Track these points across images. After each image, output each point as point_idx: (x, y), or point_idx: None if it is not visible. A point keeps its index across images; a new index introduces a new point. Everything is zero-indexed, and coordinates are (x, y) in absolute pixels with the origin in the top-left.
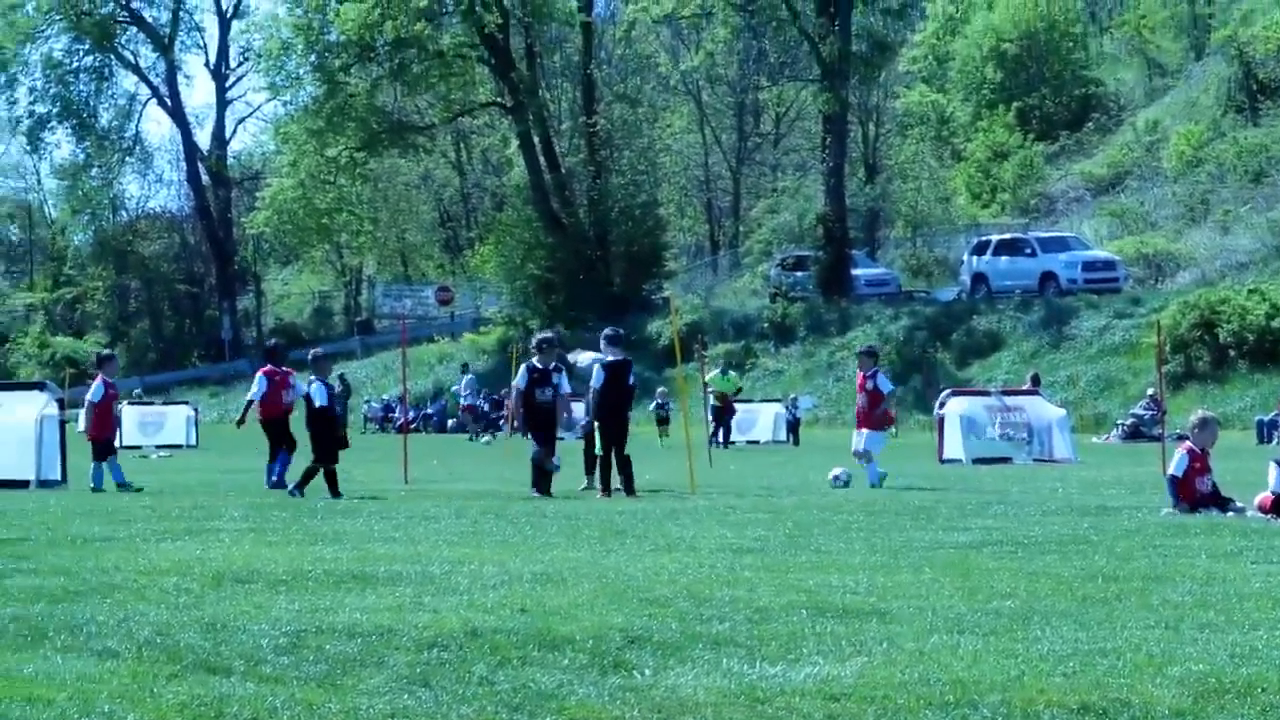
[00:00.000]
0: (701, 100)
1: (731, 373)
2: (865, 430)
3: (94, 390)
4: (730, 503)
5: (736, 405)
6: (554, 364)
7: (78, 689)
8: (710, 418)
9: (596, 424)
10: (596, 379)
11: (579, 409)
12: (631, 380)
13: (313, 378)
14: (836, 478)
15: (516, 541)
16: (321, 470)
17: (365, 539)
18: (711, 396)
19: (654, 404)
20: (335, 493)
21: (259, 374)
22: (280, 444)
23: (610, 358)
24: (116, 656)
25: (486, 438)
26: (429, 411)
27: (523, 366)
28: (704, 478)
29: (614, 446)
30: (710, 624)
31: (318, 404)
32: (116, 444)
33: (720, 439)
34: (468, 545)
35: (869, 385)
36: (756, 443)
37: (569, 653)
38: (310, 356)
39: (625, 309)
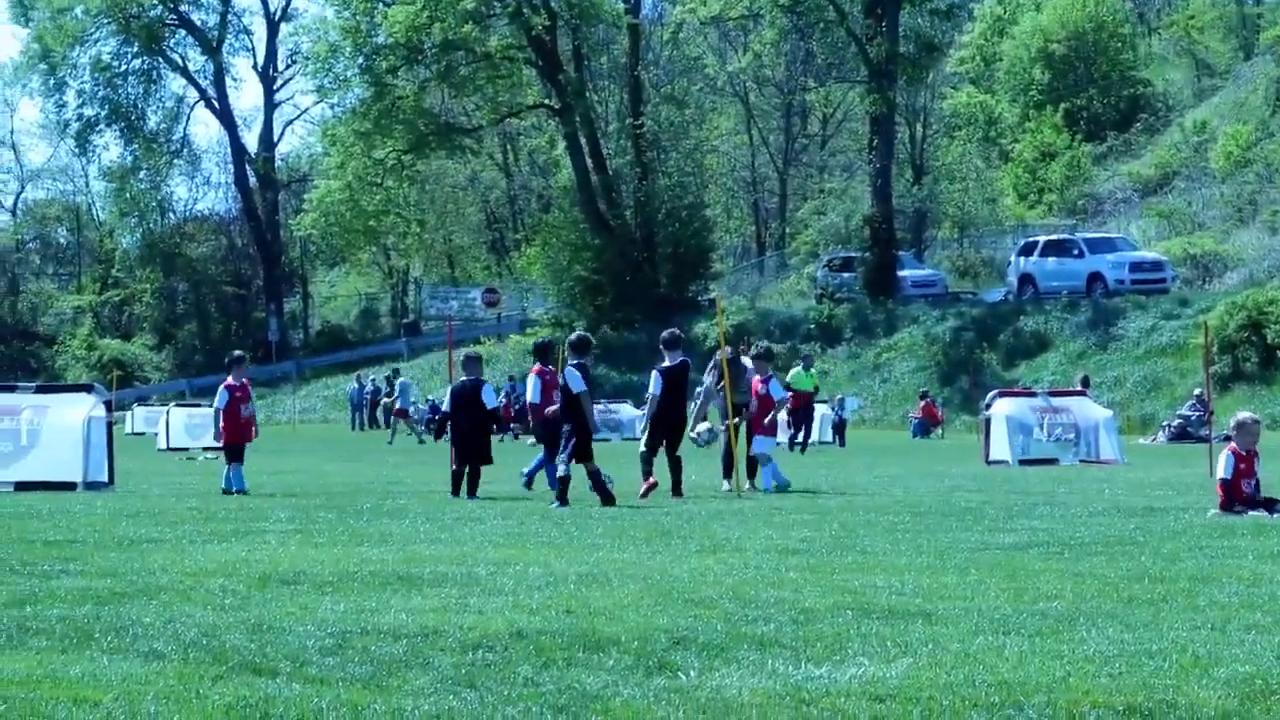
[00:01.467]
0: (749, 101)
1: (812, 370)
2: (756, 435)
3: (218, 396)
4: (776, 504)
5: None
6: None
7: (124, 690)
8: (787, 418)
9: (648, 426)
10: (655, 385)
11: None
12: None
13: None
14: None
15: (562, 543)
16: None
17: (411, 540)
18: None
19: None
20: (472, 492)
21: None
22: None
23: (668, 362)
24: (163, 658)
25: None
26: None
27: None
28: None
29: (667, 448)
30: (755, 625)
31: (489, 406)
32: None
33: (800, 439)
34: (513, 546)
35: (761, 390)
36: (799, 443)
37: (614, 654)
38: (464, 357)
39: (671, 310)
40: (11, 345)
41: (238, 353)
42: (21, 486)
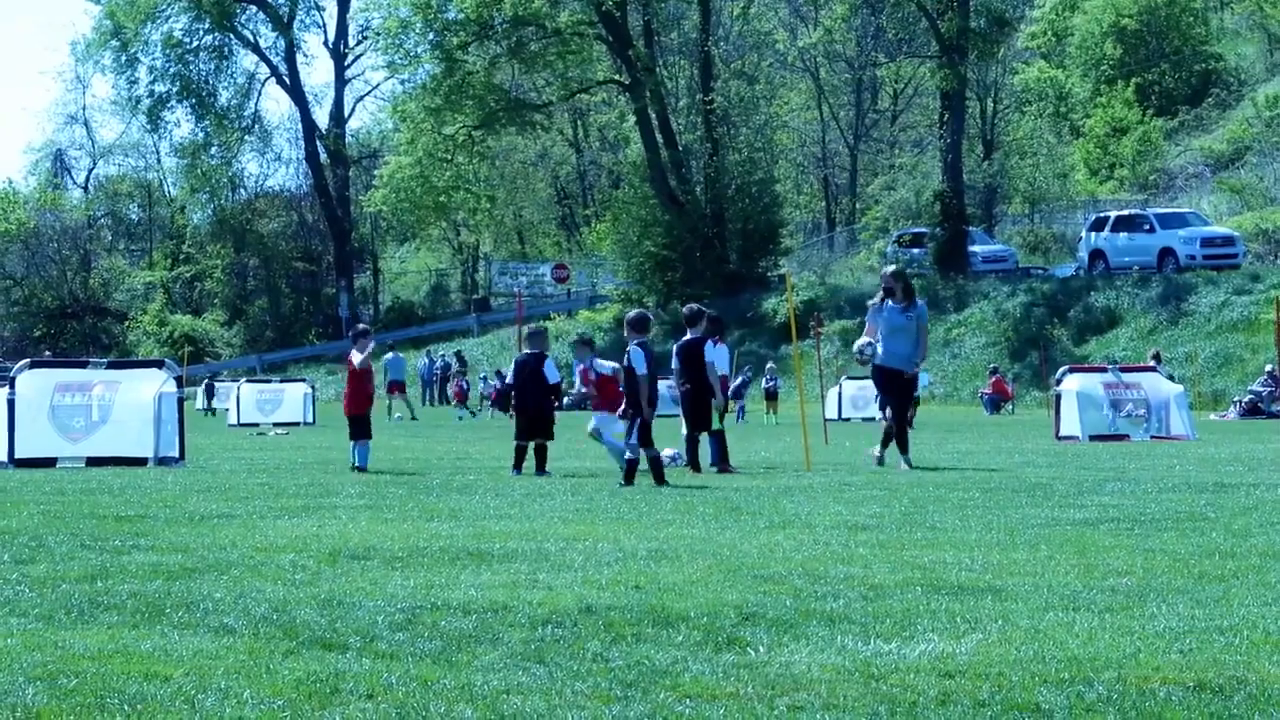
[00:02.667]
0: (819, 77)
1: None
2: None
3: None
4: (845, 479)
5: (849, 383)
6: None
7: (195, 665)
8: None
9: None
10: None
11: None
12: (708, 356)
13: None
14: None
15: (631, 518)
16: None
17: (481, 516)
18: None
19: (765, 380)
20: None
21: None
22: None
23: (689, 336)
24: (233, 633)
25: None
26: None
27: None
28: (819, 455)
29: (701, 425)
30: (825, 601)
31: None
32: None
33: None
34: (583, 522)
35: (593, 376)
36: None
37: (683, 629)
38: (529, 331)
39: (741, 286)
40: (84, 321)
41: (360, 326)
42: (93, 462)
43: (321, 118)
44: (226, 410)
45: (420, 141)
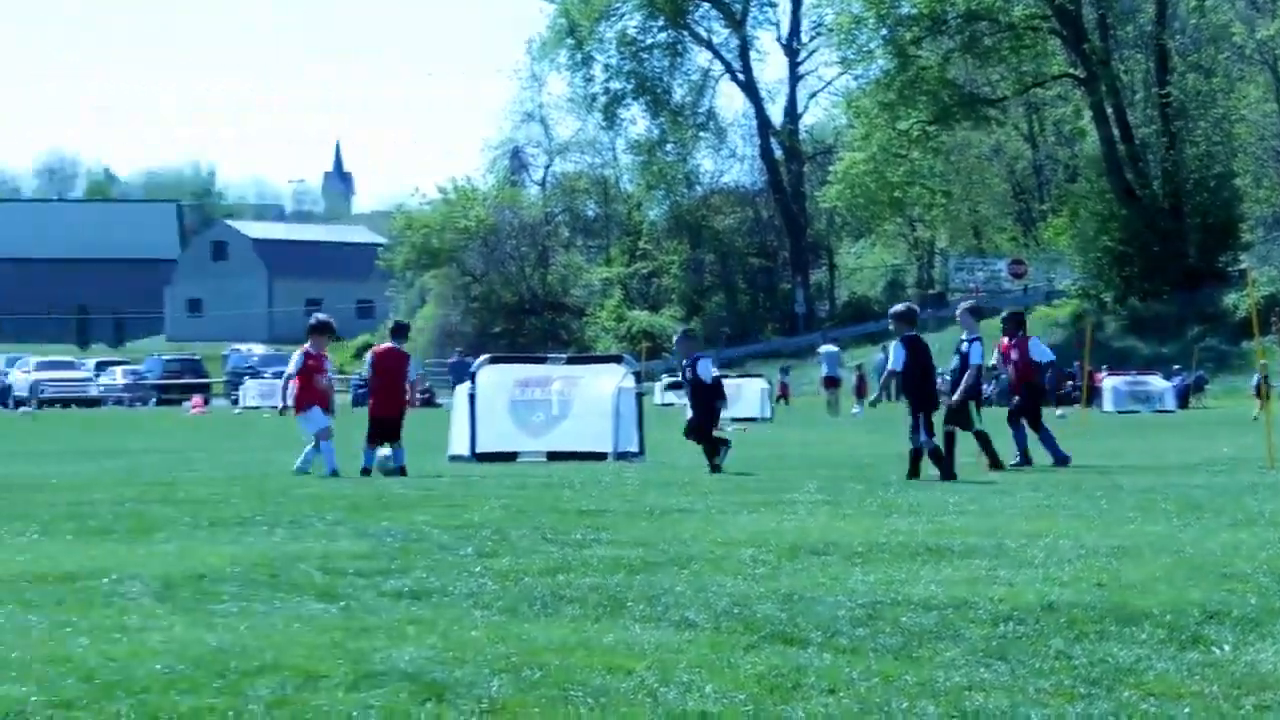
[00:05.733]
0: (1278, 70)
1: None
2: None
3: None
4: None
5: None
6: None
7: (657, 659)
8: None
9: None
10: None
11: None
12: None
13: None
14: None
15: (1092, 515)
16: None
17: (940, 511)
18: None
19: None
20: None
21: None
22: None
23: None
24: (694, 627)
25: (856, 409)
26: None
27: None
28: None
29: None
30: None
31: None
32: None
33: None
34: (1043, 518)
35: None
36: None
37: (1146, 627)
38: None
39: (1200, 282)
40: (542, 317)
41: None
42: (553, 456)
43: (775, 114)
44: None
45: (874, 137)
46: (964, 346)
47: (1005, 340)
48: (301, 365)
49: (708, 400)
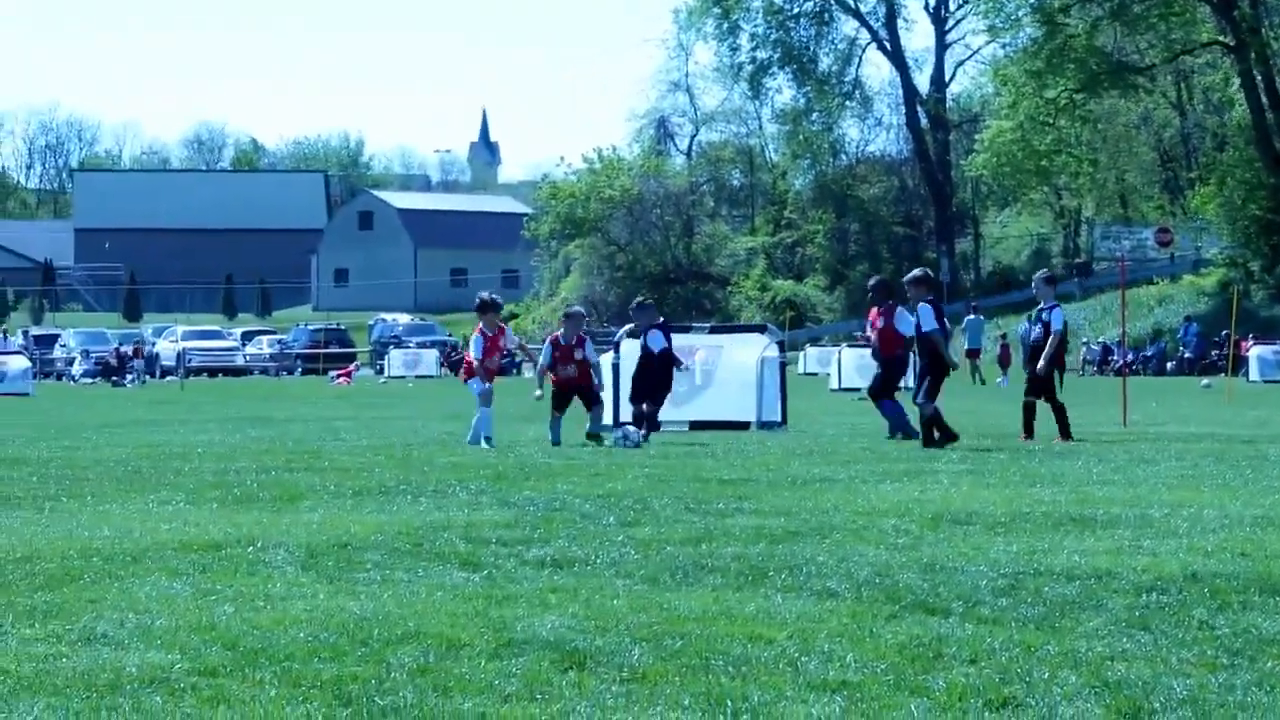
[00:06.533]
0: None
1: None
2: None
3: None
4: None
5: None
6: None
7: (798, 628)
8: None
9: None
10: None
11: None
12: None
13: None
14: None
15: (1236, 485)
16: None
17: (1083, 481)
18: None
19: None
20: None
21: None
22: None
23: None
24: (835, 596)
25: (1001, 379)
26: (1148, 353)
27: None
28: None
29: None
30: None
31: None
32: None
33: None
34: (1186, 488)
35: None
36: None
37: None
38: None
39: None
40: (686, 286)
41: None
42: (696, 425)
43: (922, 83)
44: (828, 375)
45: (1021, 105)
46: (1045, 315)
47: (874, 309)
48: (483, 346)
49: (658, 371)
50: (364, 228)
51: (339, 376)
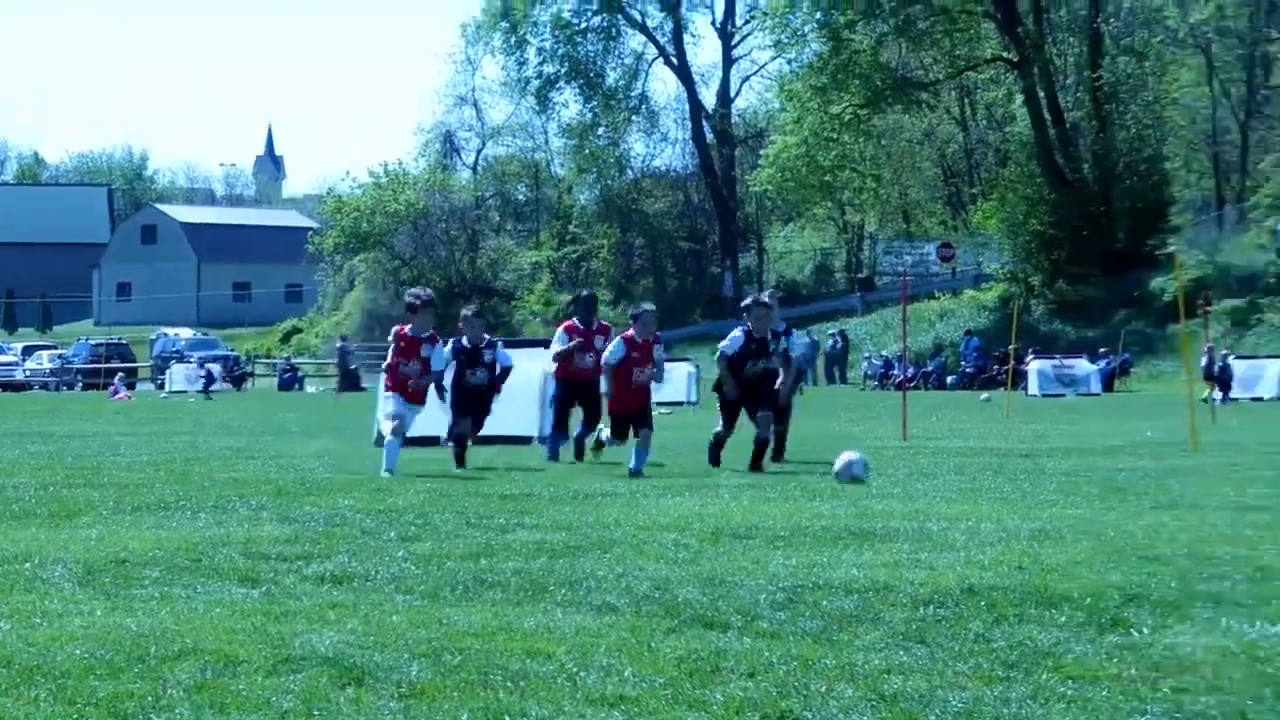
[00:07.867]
0: (1210, 53)
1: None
2: None
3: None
4: (1233, 460)
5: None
6: (485, 340)
7: (576, 643)
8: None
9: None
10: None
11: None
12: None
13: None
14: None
15: (1014, 498)
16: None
17: (863, 495)
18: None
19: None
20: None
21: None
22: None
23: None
24: (615, 611)
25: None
26: (929, 368)
27: (450, 346)
28: (1207, 435)
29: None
30: (1210, 583)
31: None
32: None
33: None
34: (965, 502)
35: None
36: (1260, 399)
37: (1066, 610)
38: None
39: (1128, 265)
40: (471, 300)
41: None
42: (479, 441)
43: (708, 98)
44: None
45: (807, 121)
46: (786, 341)
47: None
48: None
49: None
50: (147, 241)
51: (117, 394)
